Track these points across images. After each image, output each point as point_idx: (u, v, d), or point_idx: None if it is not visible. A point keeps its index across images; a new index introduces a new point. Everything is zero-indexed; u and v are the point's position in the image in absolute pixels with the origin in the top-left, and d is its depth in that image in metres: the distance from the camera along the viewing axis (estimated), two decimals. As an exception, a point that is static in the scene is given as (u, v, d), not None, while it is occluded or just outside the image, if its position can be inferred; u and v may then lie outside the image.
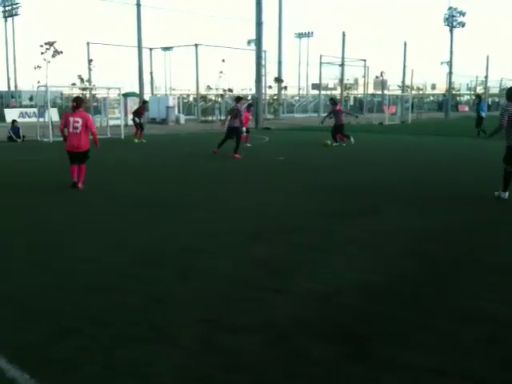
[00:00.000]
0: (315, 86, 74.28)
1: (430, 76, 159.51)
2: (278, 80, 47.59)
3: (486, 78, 66.84)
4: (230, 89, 39.22)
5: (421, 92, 65.75)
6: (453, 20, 55.10)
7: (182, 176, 12.43)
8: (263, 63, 38.06)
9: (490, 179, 10.52)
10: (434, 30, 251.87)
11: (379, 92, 65.38)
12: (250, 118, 19.62)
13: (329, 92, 71.14)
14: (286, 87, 50.25)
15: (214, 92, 40.55)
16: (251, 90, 47.16)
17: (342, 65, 46.30)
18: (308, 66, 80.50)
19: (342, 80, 48.47)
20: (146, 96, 39.95)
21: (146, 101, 25.42)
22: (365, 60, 55.23)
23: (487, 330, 4.11)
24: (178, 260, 5.81)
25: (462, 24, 55.74)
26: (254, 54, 35.16)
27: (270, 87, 47.63)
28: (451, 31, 55.09)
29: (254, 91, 38.23)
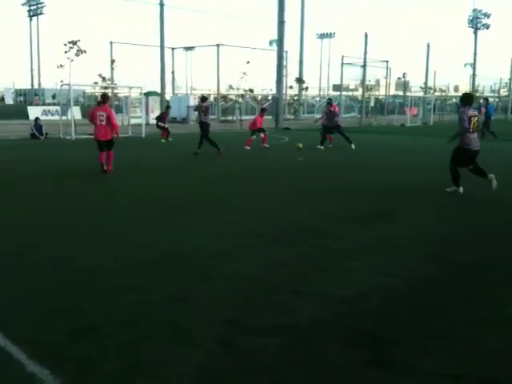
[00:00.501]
0: (336, 87, 74.07)
1: (452, 78, 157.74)
2: (299, 80, 47.56)
3: (510, 80, 65.82)
4: (250, 89, 39.25)
5: (443, 94, 65.09)
6: (477, 22, 54.48)
7: (199, 176, 12.45)
8: (284, 64, 38.02)
9: (509, 182, 10.35)
10: (457, 31, 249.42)
11: (401, 93, 64.86)
12: (262, 120, 19.75)
13: (350, 93, 70.79)
14: (306, 88, 50.18)
15: (235, 92, 40.62)
16: (272, 91, 47.19)
17: (363, 66, 45.95)
18: (329, 67, 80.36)
19: (363, 81, 48.12)
20: (168, 95, 40.19)
21: (169, 106, 25.77)
22: (387, 61, 54.84)
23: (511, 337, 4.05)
24: (201, 260, 5.83)
25: (487, 26, 55.14)
26: (275, 54, 35.15)
27: (291, 87, 47.62)
28: (475, 33, 54.53)
29: (274, 91, 38.21)
